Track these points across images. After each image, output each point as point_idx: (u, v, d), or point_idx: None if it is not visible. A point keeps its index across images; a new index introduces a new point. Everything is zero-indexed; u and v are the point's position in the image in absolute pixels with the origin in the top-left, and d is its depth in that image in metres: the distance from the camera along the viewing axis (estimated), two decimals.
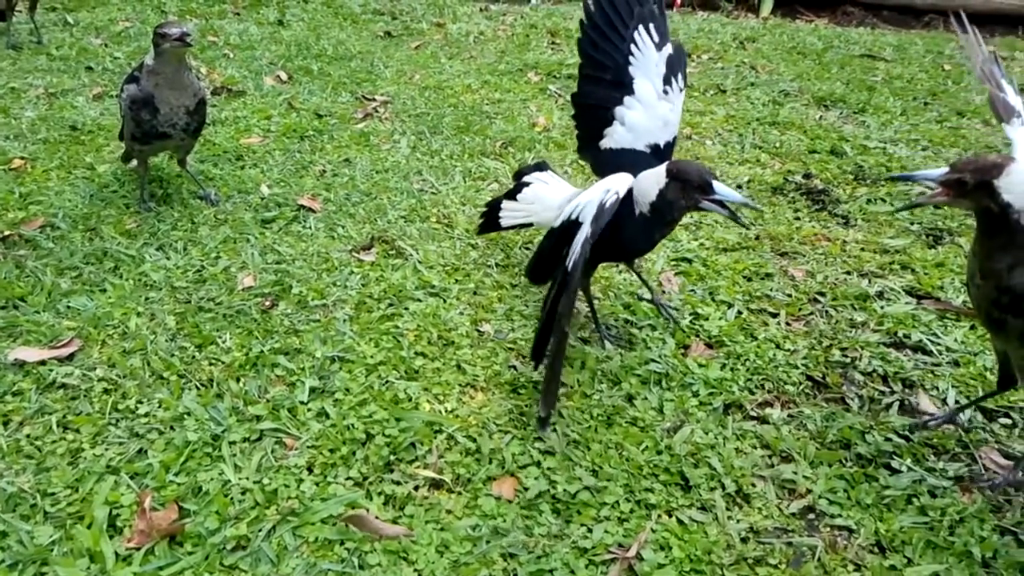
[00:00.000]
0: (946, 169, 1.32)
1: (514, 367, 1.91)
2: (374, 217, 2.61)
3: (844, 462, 1.67)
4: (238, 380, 1.83)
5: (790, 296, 2.24)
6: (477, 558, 1.41)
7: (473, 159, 3.12)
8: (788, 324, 2.13)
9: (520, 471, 1.61)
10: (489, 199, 2.28)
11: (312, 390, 1.80)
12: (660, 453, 1.66)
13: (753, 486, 1.60)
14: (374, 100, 3.71)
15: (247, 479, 1.55)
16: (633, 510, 1.53)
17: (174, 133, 2.42)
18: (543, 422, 1.68)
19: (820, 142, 3.37)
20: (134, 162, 2.66)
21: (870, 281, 2.32)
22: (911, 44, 5.24)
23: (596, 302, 2.19)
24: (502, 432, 1.71)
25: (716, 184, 1.60)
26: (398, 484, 1.57)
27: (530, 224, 2.10)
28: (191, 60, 2.58)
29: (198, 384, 1.81)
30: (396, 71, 4.17)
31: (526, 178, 2.15)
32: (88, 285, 2.17)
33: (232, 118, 3.38)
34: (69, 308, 2.07)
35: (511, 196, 2.15)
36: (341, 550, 1.41)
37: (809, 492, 1.58)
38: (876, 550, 1.47)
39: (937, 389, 1.88)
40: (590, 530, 1.48)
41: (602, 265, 2.15)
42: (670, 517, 1.52)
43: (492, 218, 2.18)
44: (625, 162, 1.88)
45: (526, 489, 1.56)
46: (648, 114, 1.85)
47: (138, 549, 1.39)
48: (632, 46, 1.89)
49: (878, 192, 2.91)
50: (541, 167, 2.19)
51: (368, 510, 1.50)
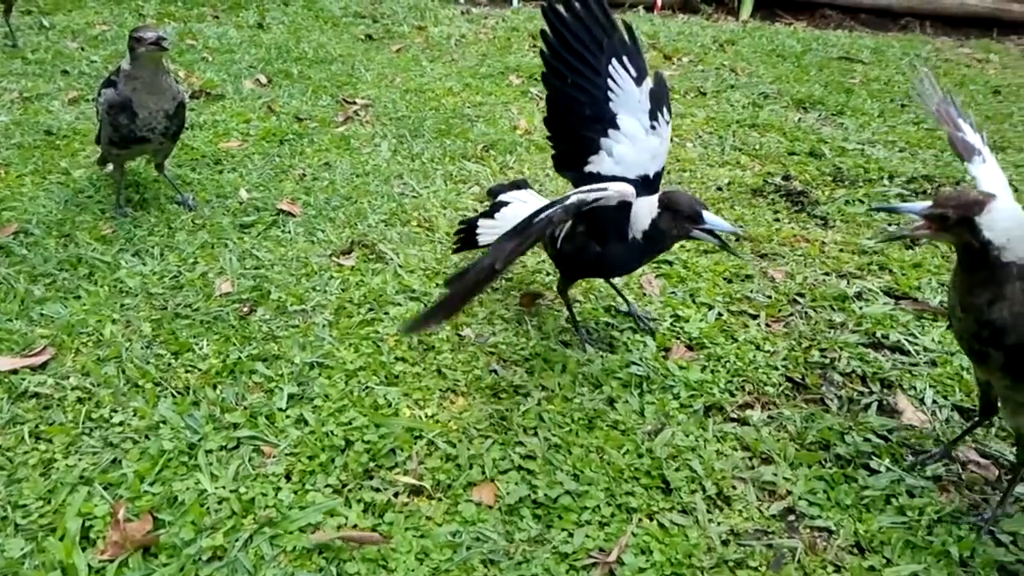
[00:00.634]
0: (929, 203, 1.34)
1: (495, 371, 1.90)
2: (354, 221, 2.59)
3: (824, 463, 1.68)
4: (215, 387, 1.81)
5: (770, 298, 2.25)
6: (457, 565, 1.40)
7: (454, 162, 3.11)
8: (768, 326, 2.14)
9: (501, 476, 1.60)
10: (464, 218, 2.24)
11: (290, 397, 1.78)
12: (641, 456, 1.66)
13: (734, 488, 1.60)
14: (355, 103, 3.69)
15: (224, 488, 1.53)
16: (614, 514, 1.53)
17: (153, 137, 2.39)
18: (414, 326, 1.56)
19: (799, 144, 3.39)
20: (110, 166, 2.62)
21: (848, 282, 2.34)
22: (888, 47, 5.30)
23: (576, 305, 2.18)
24: (483, 437, 1.70)
25: (706, 214, 1.64)
26: (377, 491, 1.55)
27: None
28: (168, 63, 2.54)
29: (174, 392, 1.79)
30: (377, 74, 4.16)
31: (504, 196, 2.12)
32: (62, 292, 2.14)
33: (210, 122, 3.35)
34: (42, 316, 2.03)
35: (489, 215, 2.10)
36: (319, 559, 1.40)
37: (789, 494, 1.59)
38: (855, 551, 1.47)
39: (915, 389, 1.90)
40: (571, 535, 1.48)
41: None
42: (651, 521, 1.52)
43: (469, 236, 2.11)
44: None
45: (508, 494, 1.55)
46: (637, 148, 1.82)
47: (111, 561, 1.37)
48: (609, 81, 1.83)
49: (856, 193, 2.93)
50: (519, 185, 2.18)
51: (347, 518, 1.48)
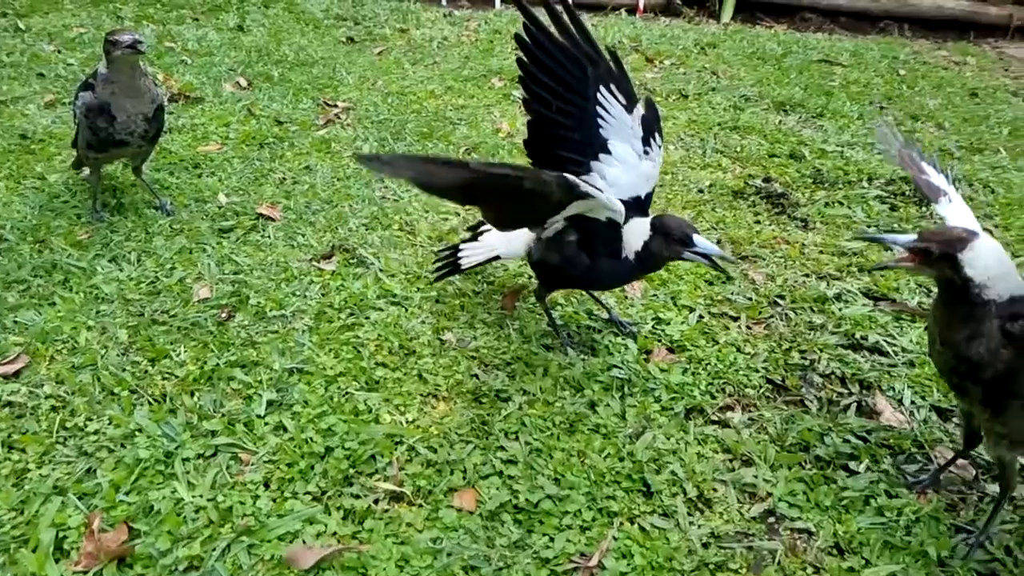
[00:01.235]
0: (915, 236, 1.36)
1: (476, 376, 1.90)
2: (335, 225, 2.58)
3: (803, 464, 1.68)
4: (192, 394, 1.78)
5: (751, 300, 2.26)
6: (438, 571, 1.39)
7: None
8: (749, 328, 2.15)
9: (482, 481, 1.59)
10: (443, 248, 2.22)
11: (269, 403, 1.77)
12: (622, 460, 1.66)
13: (714, 491, 1.60)
14: (336, 106, 3.67)
15: (201, 497, 1.51)
16: (595, 518, 1.52)
17: (132, 140, 2.36)
18: (367, 159, 1.45)
19: (779, 146, 3.42)
20: (86, 170, 2.59)
21: (828, 283, 2.36)
22: (867, 49, 5.34)
23: (557, 309, 2.18)
24: (464, 442, 1.69)
25: (696, 238, 1.67)
26: (357, 498, 1.54)
27: (496, 257, 2.05)
28: (146, 66, 2.51)
29: (150, 399, 1.77)
30: (359, 77, 4.14)
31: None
32: (36, 299, 2.11)
33: (189, 125, 3.32)
34: (16, 323, 2.00)
35: (471, 239, 2.10)
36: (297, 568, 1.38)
37: (769, 495, 1.59)
38: (835, 552, 1.48)
39: (893, 390, 1.91)
40: (552, 539, 1.47)
41: None
42: (632, 524, 1.52)
43: (452, 261, 2.09)
44: None
45: (489, 499, 1.54)
46: (630, 173, 1.84)
47: (85, 573, 1.35)
48: (598, 108, 1.83)
49: (836, 195, 2.95)
50: None
51: (326, 525, 1.47)
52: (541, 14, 1.80)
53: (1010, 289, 1.30)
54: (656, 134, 1.84)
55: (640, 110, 1.83)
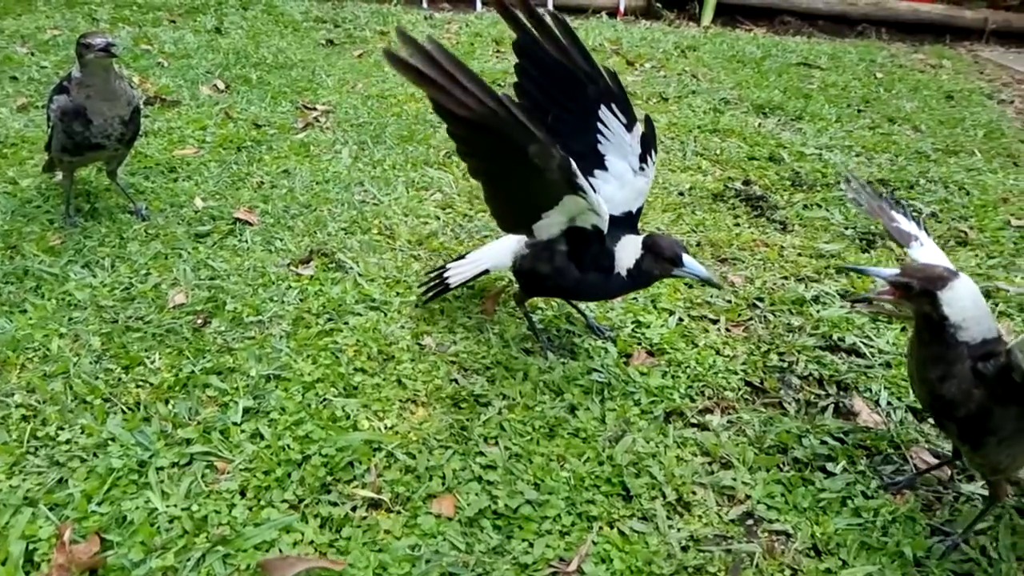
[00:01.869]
0: (897, 271, 1.39)
1: (456, 380, 1.89)
2: (313, 230, 2.55)
3: (781, 467, 1.69)
4: (167, 402, 1.76)
5: (730, 302, 2.27)
6: None
7: (416, 169, 3.09)
8: (728, 330, 2.16)
9: (461, 487, 1.58)
10: (429, 271, 2.22)
11: (246, 410, 1.74)
12: (602, 464, 1.66)
13: (693, 494, 1.60)
14: (315, 109, 3.65)
15: (175, 506, 1.49)
16: (575, 523, 1.52)
17: (108, 144, 2.32)
18: (394, 59, 1.36)
19: (759, 149, 3.44)
20: (59, 175, 2.55)
21: (807, 286, 2.37)
22: (845, 53, 5.40)
23: (537, 313, 2.18)
24: (443, 448, 1.68)
25: (685, 257, 1.72)
26: (335, 505, 1.52)
27: (485, 272, 2.05)
28: (122, 69, 2.47)
29: (124, 408, 1.74)
30: (338, 80, 4.11)
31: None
32: (7, 306, 2.07)
33: (165, 129, 3.28)
34: None
35: (459, 257, 2.12)
36: None
37: (748, 498, 1.60)
38: (812, 553, 1.49)
39: (870, 391, 1.93)
40: (531, 545, 1.46)
41: None
42: (611, 528, 1.52)
43: (439, 282, 2.10)
44: None
45: (468, 505, 1.53)
46: (624, 189, 1.87)
47: None
48: (599, 125, 1.85)
49: (814, 198, 2.97)
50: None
51: (303, 534, 1.45)
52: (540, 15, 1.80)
53: (983, 332, 1.34)
54: (652, 152, 1.87)
55: (640, 128, 1.85)
